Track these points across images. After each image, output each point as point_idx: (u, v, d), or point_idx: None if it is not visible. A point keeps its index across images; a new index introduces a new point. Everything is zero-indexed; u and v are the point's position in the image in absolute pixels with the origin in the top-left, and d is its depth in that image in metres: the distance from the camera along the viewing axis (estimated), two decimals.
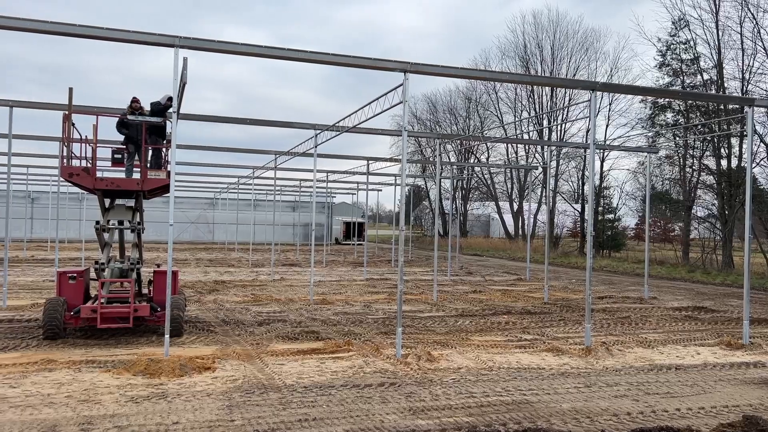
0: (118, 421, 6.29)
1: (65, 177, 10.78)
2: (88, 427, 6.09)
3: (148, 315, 10.37)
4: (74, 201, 40.74)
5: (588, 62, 46.76)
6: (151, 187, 10.98)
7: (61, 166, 10.73)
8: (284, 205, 49.41)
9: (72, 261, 26.30)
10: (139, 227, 11.23)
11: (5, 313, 12.95)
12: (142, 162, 10.99)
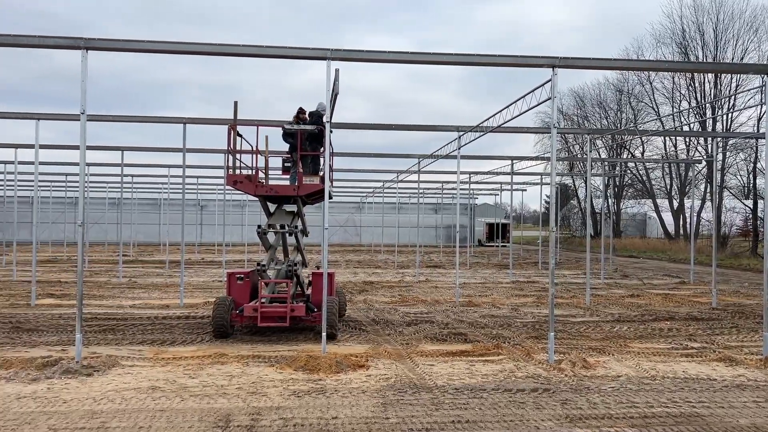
0: (283, 413, 6.71)
1: (230, 184, 11.70)
2: (257, 417, 6.56)
3: (303, 315, 10.90)
4: (237, 207, 44.24)
5: (759, 43, 42.16)
6: (306, 193, 11.50)
7: (227, 174, 11.64)
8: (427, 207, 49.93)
9: (236, 263, 28.54)
10: (296, 230, 11.77)
11: (182, 310, 14.35)
12: (298, 168, 11.66)
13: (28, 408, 6.81)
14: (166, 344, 10.48)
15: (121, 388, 7.65)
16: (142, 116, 14.47)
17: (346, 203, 53.28)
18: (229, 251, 38.14)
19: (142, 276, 23.08)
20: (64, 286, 19.16)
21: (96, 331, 11.52)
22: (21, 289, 17.79)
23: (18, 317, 12.98)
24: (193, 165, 26.99)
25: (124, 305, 15.12)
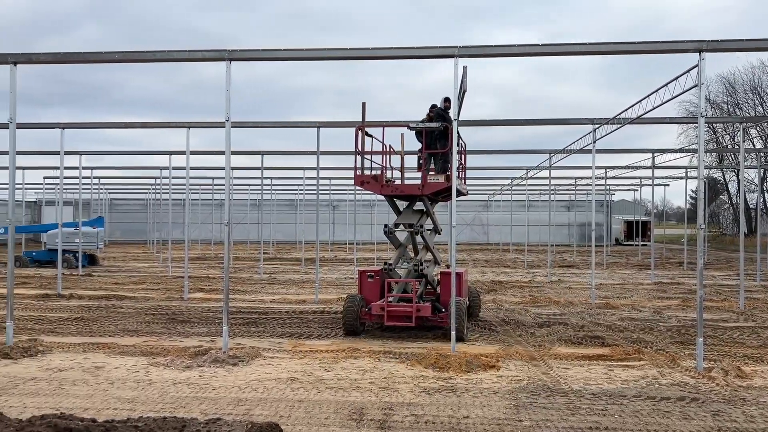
0: (414, 410, 6.78)
1: (358, 184, 11.95)
2: (389, 412, 6.68)
3: (429, 315, 10.85)
4: (367, 207, 45.42)
5: None
6: (432, 191, 11.46)
7: (355, 174, 11.89)
8: (559, 204, 48.21)
9: (366, 260, 29.30)
10: (421, 230, 11.76)
11: (318, 305, 14.98)
12: (423, 167, 11.68)
13: (182, 393, 7.43)
14: (303, 337, 10.99)
15: (263, 378, 8.13)
16: (279, 122, 15.32)
17: (473, 201, 52.81)
18: (359, 249, 39.28)
19: (281, 273, 24.40)
20: (212, 281, 20.74)
21: (240, 323, 12.34)
22: (175, 284, 19.47)
23: (173, 309, 14.22)
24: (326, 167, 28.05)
25: (265, 300, 16.06)
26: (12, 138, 9.65)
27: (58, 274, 17.28)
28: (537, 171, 27.71)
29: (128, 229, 52.83)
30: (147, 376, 8.23)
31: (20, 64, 9.51)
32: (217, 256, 34.87)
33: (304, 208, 37.67)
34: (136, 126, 16.66)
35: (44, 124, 16.40)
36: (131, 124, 16.62)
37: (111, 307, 14.51)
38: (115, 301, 15.58)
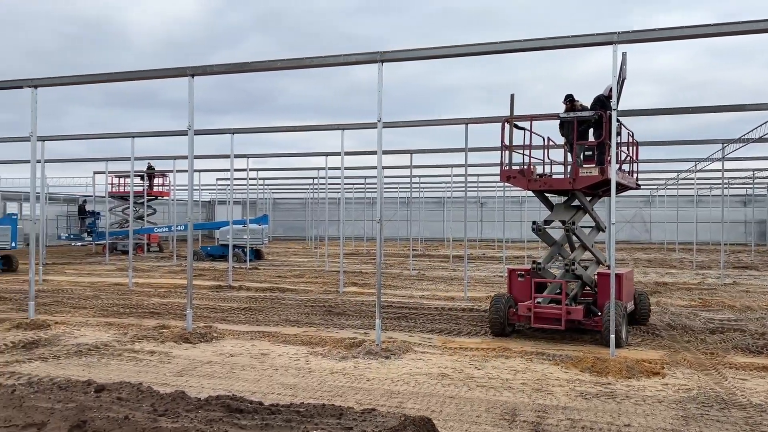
0: (570, 414, 6.51)
1: (504, 180, 11.64)
2: (543, 415, 6.48)
3: (581, 318, 10.31)
4: (515, 204, 44.47)
5: None
6: (584, 185, 10.79)
7: (501, 170, 11.57)
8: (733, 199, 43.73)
9: (515, 259, 28.68)
10: (573, 227, 11.17)
11: (466, 303, 14.93)
12: (573, 159, 11.11)
13: (339, 382, 7.77)
14: (452, 334, 11.02)
15: (414, 372, 8.26)
16: (429, 120, 15.48)
17: (633, 197, 49.55)
18: (508, 247, 38.55)
19: (429, 269, 24.66)
20: (364, 276, 21.49)
21: (391, 318, 12.65)
22: (331, 278, 20.44)
23: (330, 302, 14.94)
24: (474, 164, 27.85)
25: (415, 296, 16.33)
26: (190, 144, 10.71)
27: (229, 267, 18.89)
28: (707, 163, 25.35)
29: (289, 226, 56.41)
30: (307, 364, 8.72)
31: (197, 75, 10.52)
32: (369, 252, 36.08)
33: (451, 205, 37.71)
34: (297, 129, 17.76)
35: (217, 130, 18.03)
36: (293, 128, 17.75)
37: (275, 299, 15.57)
38: (278, 293, 16.69)
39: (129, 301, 15.01)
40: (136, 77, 10.97)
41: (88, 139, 21.24)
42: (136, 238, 31.91)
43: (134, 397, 5.36)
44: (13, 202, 40.36)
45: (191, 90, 10.50)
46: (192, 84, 10.48)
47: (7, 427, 4.77)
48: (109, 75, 10.85)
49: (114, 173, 32.30)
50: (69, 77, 11.44)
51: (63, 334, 10.78)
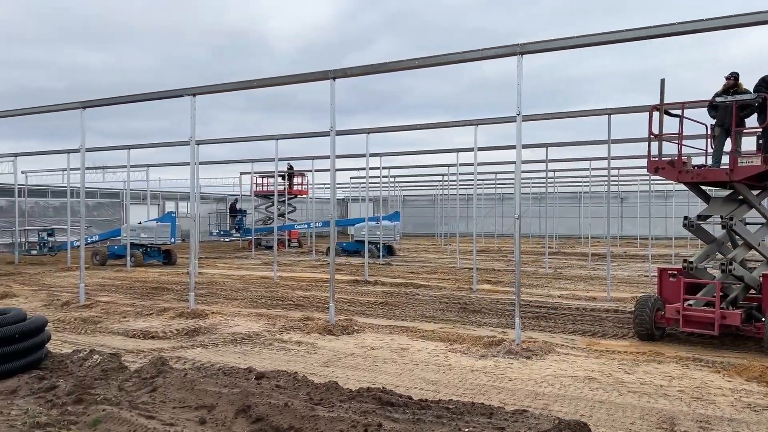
0: (738, 426, 5.98)
1: (651, 171, 10.80)
2: (705, 426, 6.00)
3: (739, 324, 9.33)
4: (660, 199, 41.61)
5: None
6: (744, 176, 9.77)
7: (648, 161, 10.77)
8: None
9: (661, 258, 26.84)
10: (730, 222, 10.14)
11: (610, 303, 14.21)
12: (732, 147, 10.12)
13: (480, 380, 7.71)
14: (597, 336, 10.54)
15: (558, 374, 8.00)
16: (569, 112, 14.88)
17: None
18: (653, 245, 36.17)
19: (566, 267, 23.77)
20: (497, 273, 21.17)
21: (529, 317, 12.34)
22: (463, 275, 20.36)
23: (464, 299, 14.88)
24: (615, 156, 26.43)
25: (552, 294, 15.81)
26: (332, 144, 11.13)
27: (365, 262, 19.44)
28: None
29: (418, 223, 56.94)
30: (446, 361, 8.75)
31: (338, 78, 10.90)
32: (500, 249, 35.48)
33: (589, 200, 36.05)
34: (429, 126, 17.84)
35: (353, 131, 18.61)
36: (426, 125, 17.85)
37: (409, 294, 15.79)
38: (412, 289, 16.90)
39: (275, 294, 15.91)
40: (282, 82, 11.60)
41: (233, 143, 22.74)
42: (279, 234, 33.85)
43: (291, 385, 5.67)
44: (171, 201, 44.31)
45: (333, 93, 10.90)
46: (334, 87, 10.88)
47: (182, 407, 5.24)
48: (259, 81, 11.57)
49: (258, 173, 34.39)
50: (223, 84, 12.34)
51: (219, 323, 11.65)
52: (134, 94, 13.14)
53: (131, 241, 23.54)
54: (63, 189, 32.41)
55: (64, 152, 24.74)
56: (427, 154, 32.76)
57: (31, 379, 6.28)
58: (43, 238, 27.74)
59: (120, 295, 16.05)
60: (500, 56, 9.52)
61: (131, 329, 11.09)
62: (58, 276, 20.84)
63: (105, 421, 4.80)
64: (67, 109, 14.13)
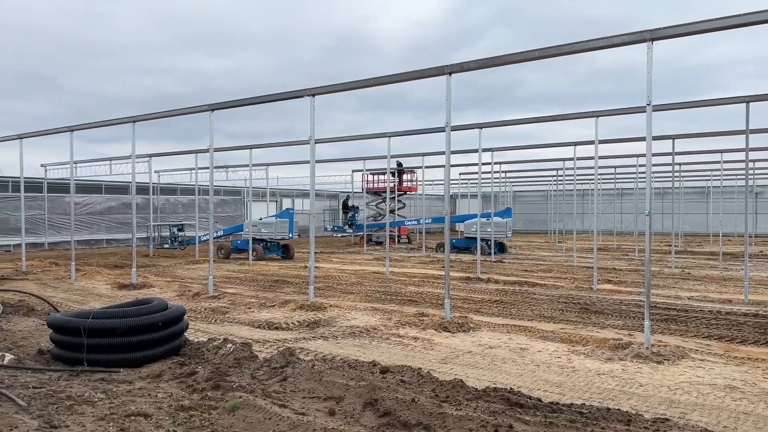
0: None
1: None
2: None
3: None
4: None
5: None
6: None
7: None
8: None
9: None
10: None
11: (748, 307, 13.09)
12: None
13: (608, 384, 7.35)
14: (735, 342, 9.73)
15: (694, 381, 7.47)
16: (701, 101, 13.82)
17: None
18: None
19: (695, 267, 22.21)
20: (618, 273, 20.16)
21: (657, 319, 11.63)
22: (581, 274, 19.57)
23: (584, 299, 14.29)
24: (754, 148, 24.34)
25: (681, 296, 14.81)
26: (447, 140, 11.06)
27: (477, 259, 19.21)
28: None
29: (529, 219, 55.54)
30: (569, 363, 8.43)
31: (454, 73, 10.81)
32: (619, 247, 33.82)
33: (720, 195, 33.45)
34: (545, 120, 17.27)
35: (465, 126, 18.39)
36: (541, 119, 17.30)
37: (524, 293, 15.41)
38: (527, 287, 16.48)
39: (388, 289, 16.11)
40: (398, 80, 11.67)
41: (344, 141, 23.27)
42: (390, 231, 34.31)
43: (415, 380, 5.70)
44: (288, 198, 46.17)
45: (449, 88, 10.82)
46: (449, 82, 10.80)
47: (311, 397, 5.41)
48: (375, 79, 11.72)
49: (369, 171, 34.99)
50: (340, 84, 12.62)
51: (337, 316, 11.95)
52: (258, 96, 13.76)
53: (253, 236, 24.75)
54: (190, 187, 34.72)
55: (192, 152, 26.47)
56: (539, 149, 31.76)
57: (173, 364, 6.74)
58: (173, 233, 29.87)
59: (244, 287, 16.92)
60: (628, 43, 9.00)
61: (256, 320, 11.64)
62: (188, 268, 22.33)
63: (242, 407, 5.04)
64: (197, 112, 15.06)
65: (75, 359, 6.99)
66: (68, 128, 18.34)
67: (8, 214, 29.79)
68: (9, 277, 18.72)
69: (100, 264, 22.75)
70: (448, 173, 11.50)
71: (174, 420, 4.90)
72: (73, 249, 19.24)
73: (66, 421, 4.76)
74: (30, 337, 9.05)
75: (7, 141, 21.12)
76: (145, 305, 7.49)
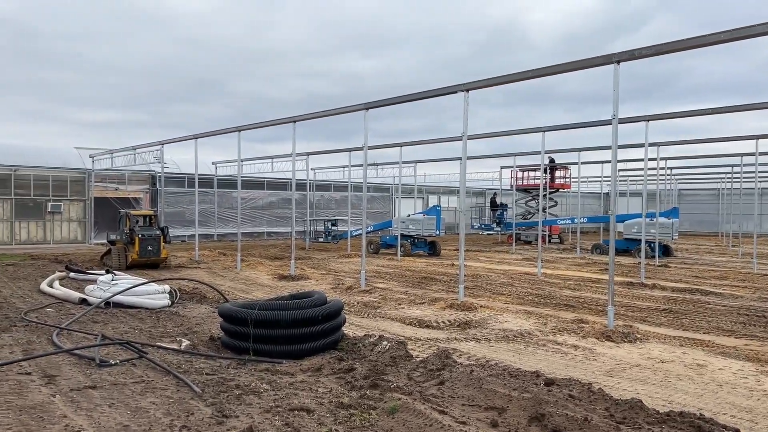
0: None
1: None
2: None
3: None
4: None
5: None
6: None
7: None
8: None
9: None
10: None
11: None
12: None
13: None
14: None
15: None
16: None
17: None
18: None
19: None
20: None
21: None
22: (764, 282, 17.43)
23: None
24: None
25: None
26: (614, 133, 10.25)
27: (641, 263, 17.79)
28: None
29: (697, 220, 50.86)
30: (759, 384, 7.41)
31: (622, 61, 9.98)
32: None
33: None
34: (721, 111, 15.54)
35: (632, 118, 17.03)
36: (718, 110, 15.57)
37: (697, 302, 13.97)
38: (699, 296, 14.94)
39: (541, 291, 15.42)
40: (559, 70, 11.02)
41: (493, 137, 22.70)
42: None
43: (586, 396, 5.23)
44: (434, 195, 46.33)
45: (616, 78, 10.01)
46: (617, 72, 9.99)
47: (471, 405, 5.17)
48: (534, 71, 11.16)
49: (519, 167, 34.00)
50: (495, 78, 12.21)
51: (488, 318, 11.60)
52: (412, 93, 13.75)
53: (401, 232, 25.04)
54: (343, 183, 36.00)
55: (346, 151, 27.36)
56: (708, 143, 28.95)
57: (332, 359, 6.84)
58: (327, 228, 31.13)
59: (393, 282, 17.10)
60: None
61: (407, 316, 11.63)
62: (340, 262, 23.11)
63: (401, 410, 4.93)
64: (352, 111, 15.42)
65: (242, 348, 7.36)
66: (237, 128, 19.70)
67: (184, 207, 32.84)
68: (184, 266, 20.55)
69: (262, 255, 24.27)
70: (615, 169, 10.67)
71: (335, 418, 4.91)
72: (240, 241, 20.66)
73: (236, 411, 4.94)
74: (203, 324, 9.75)
75: (184, 141, 23.19)
76: (306, 299, 7.70)
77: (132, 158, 27.77)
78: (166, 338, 8.41)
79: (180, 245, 29.67)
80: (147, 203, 32.45)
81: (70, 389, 5.61)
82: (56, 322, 9.50)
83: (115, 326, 9.35)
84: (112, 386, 5.75)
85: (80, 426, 4.59)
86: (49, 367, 6.54)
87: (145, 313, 10.78)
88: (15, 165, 28.75)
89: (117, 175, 31.56)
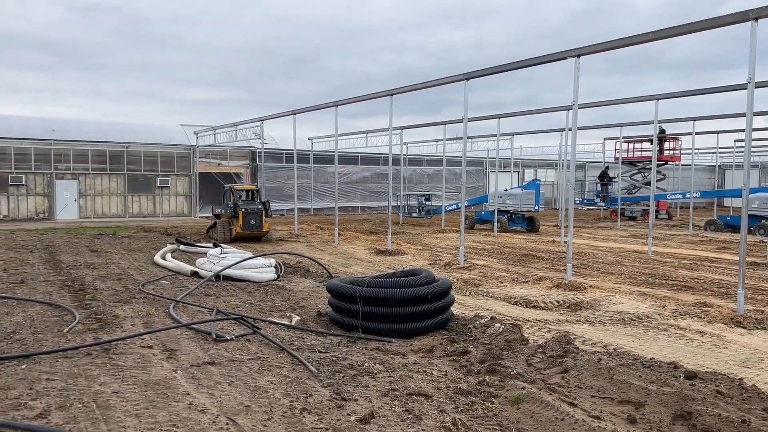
0: None
1: None
2: None
3: None
4: None
5: None
6: None
7: None
8: None
9: None
10: None
11: None
12: None
13: None
14: None
15: None
16: None
17: None
18: None
19: None
20: None
21: None
22: None
23: None
24: None
25: None
26: (749, 99, 9.26)
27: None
28: None
29: None
30: None
31: (760, 18, 8.94)
32: None
33: None
34: None
35: None
36: None
37: None
38: None
39: (654, 271, 14.47)
40: (686, 31, 10.00)
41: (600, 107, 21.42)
42: (645, 205, 31.28)
43: (736, 394, 4.69)
44: (530, 169, 44.91)
45: (754, 37, 8.96)
46: (755, 30, 8.95)
47: (602, 397, 4.78)
48: (656, 33, 10.19)
49: (625, 139, 32.15)
50: (609, 42, 11.34)
51: (600, 298, 10.97)
52: (518, 61, 13.08)
53: (497, 207, 24.38)
54: (436, 158, 35.54)
55: (440, 124, 26.87)
56: None
57: (443, 340, 6.61)
58: (421, 202, 30.89)
59: (492, 259, 16.65)
60: None
61: (511, 295, 11.22)
62: (435, 237, 22.84)
63: (526, 400, 4.62)
64: (452, 82, 14.94)
65: (350, 325, 7.28)
66: (333, 103, 19.72)
67: (282, 182, 33.64)
68: (284, 239, 21.01)
69: (358, 230, 24.43)
70: (749, 137, 9.65)
71: (456, 405, 4.67)
72: (337, 216, 20.84)
73: (353, 393, 4.82)
74: (309, 299, 9.80)
75: (283, 117, 23.56)
76: (414, 276, 7.49)
77: (233, 134, 28.64)
78: (275, 313, 8.50)
79: (279, 219, 30.46)
80: (248, 178, 33.51)
81: (190, 365, 5.71)
82: (171, 295, 9.86)
83: (226, 299, 9.58)
84: (230, 362, 5.80)
85: (203, 405, 4.61)
86: (169, 341, 6.72)
87: (253, 286, 11.01)
88: (127, 142, 30.44)
89: (219, 150, 32.74)
